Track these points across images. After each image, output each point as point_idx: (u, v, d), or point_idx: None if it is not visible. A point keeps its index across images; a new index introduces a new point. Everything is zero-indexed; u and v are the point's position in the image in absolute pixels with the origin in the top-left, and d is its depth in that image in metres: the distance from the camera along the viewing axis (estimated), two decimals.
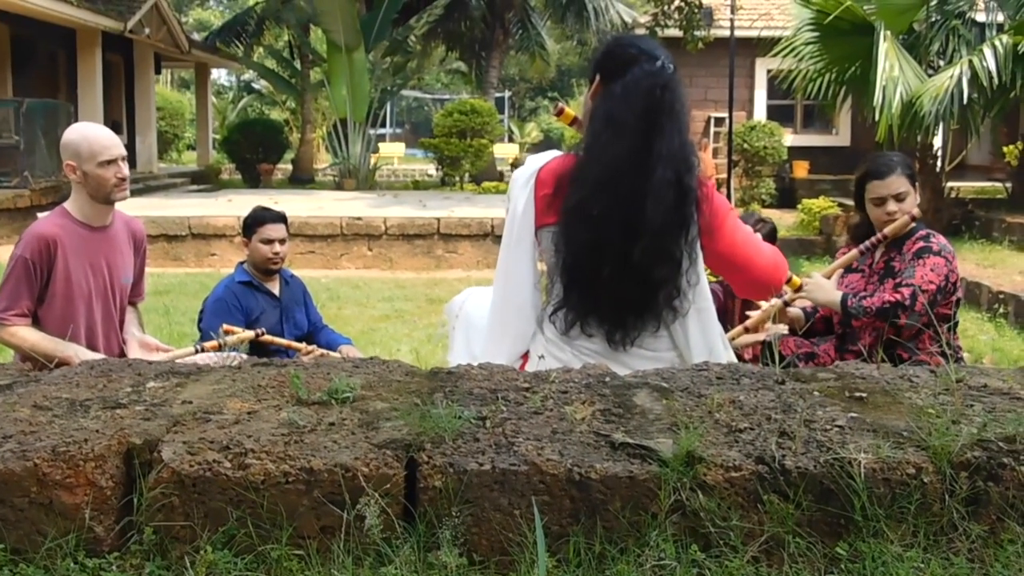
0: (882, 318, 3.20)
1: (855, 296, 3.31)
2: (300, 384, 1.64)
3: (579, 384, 1.77)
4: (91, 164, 3.31)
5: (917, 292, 3.17)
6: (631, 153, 2.29)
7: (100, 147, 3.33)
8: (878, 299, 3.23)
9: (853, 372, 1.87)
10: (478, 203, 12.79)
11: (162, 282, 9.55)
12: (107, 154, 3.33)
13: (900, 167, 3.40)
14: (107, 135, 3.41)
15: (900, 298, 3.17)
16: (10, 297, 3.24)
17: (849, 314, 3.29)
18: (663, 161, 2.29)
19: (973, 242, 8.84)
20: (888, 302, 3.19)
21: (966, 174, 12.00)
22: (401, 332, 7.54)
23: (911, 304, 3.15)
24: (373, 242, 10.97)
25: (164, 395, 1.65)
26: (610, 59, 2.47)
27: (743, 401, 1.66)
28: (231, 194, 13.66)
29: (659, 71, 2.35)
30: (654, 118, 2.30)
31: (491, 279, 9.49)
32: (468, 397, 1.65)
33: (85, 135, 3.36)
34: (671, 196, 2.29)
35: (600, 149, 2.35)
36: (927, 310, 3.18)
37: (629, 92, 2.32)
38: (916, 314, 3.17)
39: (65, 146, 3.36)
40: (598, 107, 2.42)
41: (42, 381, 1.73)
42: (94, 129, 3.45)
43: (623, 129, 2.31)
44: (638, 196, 2.28)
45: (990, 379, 1.83)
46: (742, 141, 14.41)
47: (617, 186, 2.29)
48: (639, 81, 2.32)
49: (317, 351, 4.22)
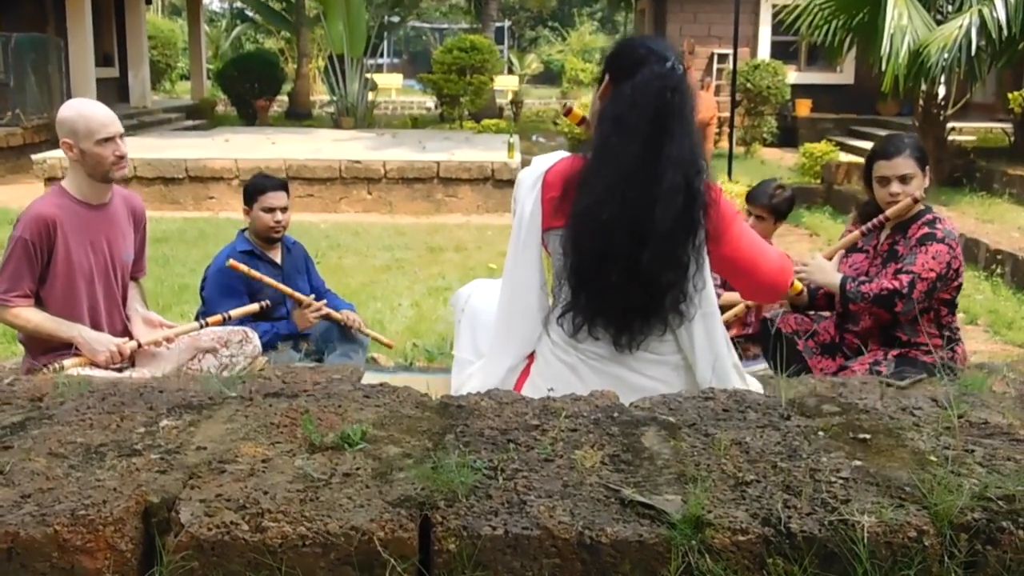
0: (879, 305, 3.24)
1: (854, 280, 3.33)
2: (312, 427, 1.66)
3: (588, 420, 1.79)
4: (88, 142, 3.28)
5: (916, 281, 3.19)
6: (641, 157, 2.29)
7: (97, 124, 3.29)
8: (876, 285, 3.25)
9: (856, 404, 1.90)
10: (478, 144, 12.69)
11: (160, 228, 9.51)
12: (104, 132, 3.30)
13: (909, 149, 3.38)
14: (104, 112, 3.37)
15: (898, 286, 3.20)
16: (11, 279, 3.24)
17: (847, 298, 3.32)
18: (673, 165, 2.28)
19: (973, 195, 8.81)
20: (886, 289, 3.21)
21: (969, 114, 11.88)
22: (402, 285, 7.55)
23: (908, 292, 3.18)
24: (372, 186, 10.92)
25: (178, 437, 1.67)
26: (620, 59, 2.45)
27: (749, 444, 1.69)
28: (227, 132, 13.54)
29: (669, 72, 2.33)
30: (664, 121, 2.30)
31: (490, 224, 9.59)
32: (479, 440, 1.68)
33: (81, 112, 3.32)
34: (680, 201, 2.29)
35: (609, 153, 2.34)
36: (925, 298, 3.21)
37: (639, 94, 2.31)
38: (913, 301, 3.19)
39: (61, 124, 3.32)
40: (607, 109, 2.41)
41: (55, 418, 1.75)
42: (90, 106, 3.40)
43: (633, 133, 2.30)
44: (647, 201, 2.28)
45: (991, 413, 1.86)
46: (745, 80, 14.25)
47: (626, 191, 2.29)
48: (649, 83, 2.31)
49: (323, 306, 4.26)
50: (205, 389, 2.65)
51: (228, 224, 9.94)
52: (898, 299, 3.19)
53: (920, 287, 3.19)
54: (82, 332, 3.30)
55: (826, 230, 8.59)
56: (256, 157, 10.96)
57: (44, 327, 3.29)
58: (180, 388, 1.90)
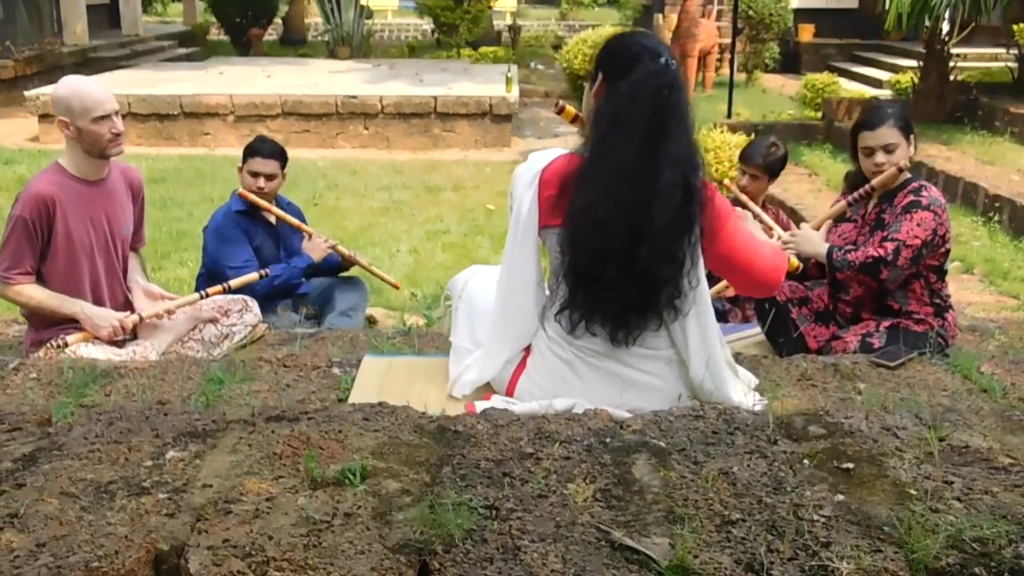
0: (865, 272, 3.31)
1: (840, 249, 3.40)
2: (314, 461, 1.72)
3: (581, 446, 1.85)
4: (84, 120, 3.29)
5: (900, 248, 3.25)
6: (639, 155, 2.30)
7: (93, 103, 3.30)
8: (862, 253, 3.31)
9: (842, 424, 1.95)
10: (476, 76, 12.54)
11: (157, 167, 9.49)
12: (100, 110, 3.31)
13: (892, 119, 3.41)
14: (98, 90, 3.37)
15: (883, 253, 3.26)
16: (12, 256, 3.28)
17: (834, 267, 3.38)
18: (671, 162, 2.30)
19: (974, 133, 8.76)
20: (871, 257, 3.28)
21: (974, 39, 11.69)
22: (400, 228, 7.58)
23: (893, 259, 3.24)
24: (369, 121, 10.84)
25: (184, 472, 1.73)
26: (613, 57, 2.44)
27: (736, 475, 1.75)
28: (222, 64, 13.35)
29: (663, 69, 2.33)
30: (662, 119, 2.31)
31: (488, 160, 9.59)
32: (475, 473, 1.74)
33: (76, 91, 3.32)
34: (678, 197, 2.32)
35: (606, 151, 2.35)
36: (911, 264, 3.26)
37: (636, 92, 2.31)
38: (898, 268, 3.26)
39: (56, 102, 3.33)
40: (603, 107, 2.41)
41: (65, 448, 1.80)
42: (85, 84, 3.40)
43: (631, 131, 2.31)
44: (645, 198, 2.30)
45: (972, 435, 1.92)
46: (747, 7, 13.98)
47: (624, 189, 2.31)
48: (645, 80, 2.31)
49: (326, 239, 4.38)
50: (205, 374, 2.73)
51: (224, 162, 9.90)
52: (883, 266, 3.26)
53: (905, 254, 3.24)
54: (84, 308, 3.35)
55: (825, 169, 8.56)
56: (251, 92, 10.84)
57: (46, 304, 3.34)
58: (185, 411, 1.95)
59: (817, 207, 7.33)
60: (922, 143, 8.81)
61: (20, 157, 9.71)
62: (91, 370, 2.79)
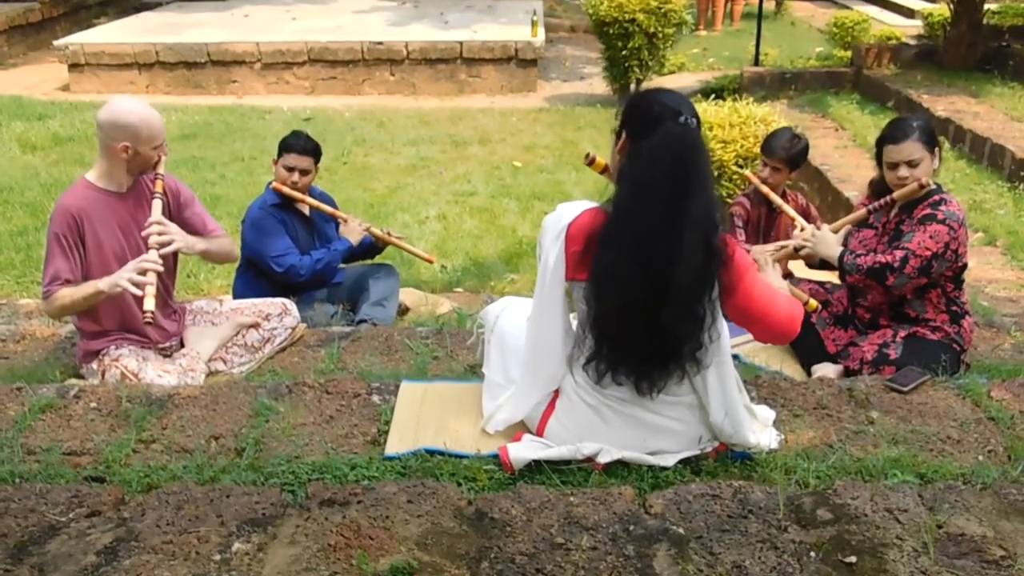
0: (871, 277, 3.45)
1: (852, 253, 3.53)
2: (366, 559, 1.92)
3: (606, 533, 2.03)
4: (147, 147, 3.48)
5: (909, 256, 3.37)
6: (661, 218, 2.40)
7: (157, 132, 3.51)
8: (871, 259, 3.45)
9: (848, 508, 2.11)
10: (500, 15, 12.42)
11: (187, 121, 9.59)
12: (160, 138, 3.52)
13: (917, 132, 3.48)
14: (160, 121, 3.56)
15: (891, 260, 3.40)
16: (53, 273, 3.46)
17: (844, 270, 3.52)
18: (692, 224, 2.39)
19: (1004, 86, 8.63)
20: (879, 263, 3.42)
21: None
22: (428, 189, 7.69)
23: (900, 267, 3.37)
24: (395, 67, 10.84)
25: (250, 568, 1.93)
26: (636, 117, 2.54)
27: (748, 569, 1.93)
28: (246, 4, 13.27)
29: (683, 132, 2.42)
30: (682, 181, 2.40)
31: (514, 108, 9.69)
32: (511, 569, 1.92)
33: (145, 119, 3.48)
34: (699, 259, 2.42)
35: (629, 213, 2.46)
36: (918, 274, 3.37)
37: (657, 157, 2.41)
38: (904, 276, 3.39)
39: (121, 127, 3.44)
40: (626, 167, 2.52)
41: (140, 538, 2.00)
42: (149, 113, 3.54)
43: (652, 194, 2.41)
44: (667, 261, 2.41)
45: (969, 521, 2.08)
46: None
47: (646, 251, 2.42)
48: (667, 144, 2.40)
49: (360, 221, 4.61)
50: (252, 404, 2.92)
51: (252, 113, 9.99)
52: (889, 272, 3.39)
53: (913, 263, 3.36)
54: (97, 283, 3.47)
55: (852, 123, 8.51)
56: (277, 39, 10.84)
57: (73, 299, 3.48)
58: (246, 492, 2.14)
59: (842, 168, 7.34)
60: (950, 95, 8.71)
61: (53, 111, 9.81)
62: (146, 399, 2.99)
